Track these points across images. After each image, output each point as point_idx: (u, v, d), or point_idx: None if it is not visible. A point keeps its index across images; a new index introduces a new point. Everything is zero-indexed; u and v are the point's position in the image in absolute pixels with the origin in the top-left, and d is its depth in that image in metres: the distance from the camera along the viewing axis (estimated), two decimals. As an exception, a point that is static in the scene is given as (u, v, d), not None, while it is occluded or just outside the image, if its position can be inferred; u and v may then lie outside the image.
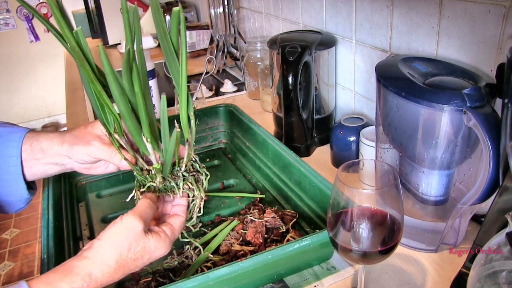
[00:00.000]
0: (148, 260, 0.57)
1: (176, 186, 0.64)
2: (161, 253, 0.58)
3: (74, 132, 0.67)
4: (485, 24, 0.68)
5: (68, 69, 2.08)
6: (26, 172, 0.66)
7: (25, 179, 0.67)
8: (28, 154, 0.66)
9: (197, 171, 0.67)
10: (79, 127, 0.68)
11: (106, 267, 0.53)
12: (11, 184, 0.66)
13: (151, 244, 0.57)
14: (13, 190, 0.67)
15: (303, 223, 0.80)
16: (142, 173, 0.65)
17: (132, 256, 0.55)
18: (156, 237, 0.57)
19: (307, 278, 0.68)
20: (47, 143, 0.66)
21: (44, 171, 0.68)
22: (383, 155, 0.77)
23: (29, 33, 3.59)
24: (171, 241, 0.60)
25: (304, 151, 1.05)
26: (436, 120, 0.61)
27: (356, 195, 0.51)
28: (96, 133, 0.67)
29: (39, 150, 0.66)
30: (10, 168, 0.65)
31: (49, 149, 0.66)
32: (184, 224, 0.64)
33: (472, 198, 0.61)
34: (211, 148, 1.14)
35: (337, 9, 1.06)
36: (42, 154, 0.66)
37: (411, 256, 0.71)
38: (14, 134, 0.66)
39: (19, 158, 0.65)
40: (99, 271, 0.52)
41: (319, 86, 1.08)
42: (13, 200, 0.68)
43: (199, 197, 0.67)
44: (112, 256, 0.54)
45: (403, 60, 0.71)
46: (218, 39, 1.69)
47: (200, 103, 1.30)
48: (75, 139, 0.66)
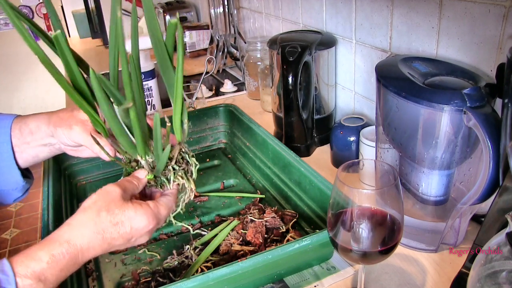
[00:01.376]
0: (130, 230, 0.55)
1: (167, 181, 0.64)
2: (143, 224, 0.56)
3: (60, 114, 0.67)
4: (485, 24, 0.68)
5: (68, 69, 2.08)
6: (18, 157, 0.66)
7: (18, 165, 0.67)
8: (18, 139, 0.66)
9: (186, 162, 0.66)
10: (66, 109, 0.68)
11: (86, 229, 0.52)
12: (5, 172, 0.66)
13: (130, 209, 0.55)
14: (8, 177, 0.67)
15: (303, 223, 0.80)
16: (131, 164, 0.65)
17: (112, 219, 0.54)
18: (137, 205, 0.56)
19: (307, 278, 0.68)
20: (35, 124, 0.66)
21: (35, 154, 0.67)
22: (383, 155, 0.77)
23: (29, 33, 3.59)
24: (154, 215, 0.57)
25: (304, 151, 1.05)
26: (436, 120, 0.61)
27: (356, 195, 0.51)
28: (80, 117, 0.66)
29: (28, 133, 0.66)
30: (3, 154, 0.65)
31: (37, 130, 0.66)
32: (172, 204, 0.62)
33: (472, 198, 0.61)
34: (211, 148, 1.14)
35: (337, 9, 1.06)
36: (31, 136, 0.66)
37: (411, 256, 0.71)
38: (2, 121, 0.66)
39: (9, 143, 0.65)
40: (77, 235, 0.52)
41: (319, 86, 1.08)
42: (9, 189, 0.68)
43: (189, 188, 0.66)
44: (90, 218, 0.53)
45: (403, 60, 0.71)
46: (218, 39, 1.69)
47: (200, 103, 1.30)
48: (60, 121, 0.66)
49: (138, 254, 0.76)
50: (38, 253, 0.49)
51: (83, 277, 0.72)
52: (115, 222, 0.54)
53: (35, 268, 0.48)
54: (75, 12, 2.73)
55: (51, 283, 0.49)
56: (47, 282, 0.49)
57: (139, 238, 0.57)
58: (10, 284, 0.46)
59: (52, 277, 0.49)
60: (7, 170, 0.66)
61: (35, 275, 0.48)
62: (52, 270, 0.49)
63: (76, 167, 1.03)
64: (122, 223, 0.54)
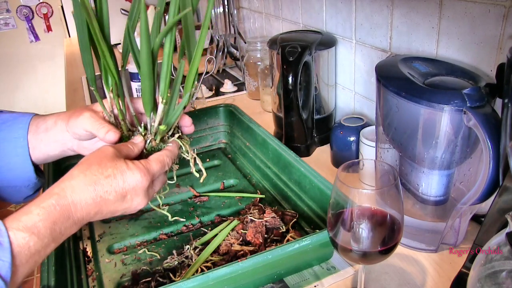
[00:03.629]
0: (123, 183, 0.54)
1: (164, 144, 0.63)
2: (135, 178, 0.55)
3: (77, 108, 0.68)
4: (485, 24, 0.68)
5: (68, 69, 2.09)
6: (31, 153, 0.66)
7: (32, 162, 0.67)
8: (32, 134, 0.66)
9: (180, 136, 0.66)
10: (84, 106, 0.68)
11: (76, 181, 0.52)
12: (19, 167, 0.66)
13: (122, 164, 0.54)
14: (21, 173, 0.67)
15: (303, 223, 0.80)
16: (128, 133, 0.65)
17: (103, 171, 0.53)
18: (128, 162, 0.55)
19: (307, 278, 0.68)
20: (53, 120, 0.66)
21: (46, 151, 0.67)
22: (383, 155, 0.77)
23: (29, 33, 3.59)
24: (146, 169, 0.56)
25: (304, 151, 1.05)
26: (436, 120, 0.61)
27: (356, 195, 0.51)
28: (92, 107, 0.66)
29: (44, 129, 0.66)
30: (18, 149, 0.65)
31: (53, 126, 0.66)
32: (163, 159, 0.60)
33: (472, 198, 0.61)
34: (211, 148, 1.14)
35: (337, 9, 1.06)
36: (46, 133, 0.66)
37: (411, 256, 0.71)
38: (22, 118, 0.67)
39: (25, 139, 0.65)
40: (67, 186, 0.51)
41: (319, 86, 1.08)
42: (22, 185, 0.68)
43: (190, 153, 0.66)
44: (81, 171, 0.53)
45: (403, 60, 0.71)
46: (218, 39, 1.69)
47: (200, 103, 1.30)
48: (74, 112, 0.66)
49: (138, 254, 0.76)
50: (29, 208, 0.48)
51: (83, 277, 0.72)
52: (107, 174, 0.53)
53: (26, 221, 0.47)
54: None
55: (45, 237, 0.48)
56: (40, 235, 0.48)
57: (135, 197, 0.56)
58: (2, 236, 0.45)
59: (45, 230, 0.48)
60: (21, 166, 0.66)
61: (26, 228, 0.47)
62: (44, 222, 0.48)
63: (76, 167, 1.03)
64: (114, 175, 0.53)
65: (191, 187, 0.94)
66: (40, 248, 0.48)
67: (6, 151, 0.65)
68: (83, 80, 1.84)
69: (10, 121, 0.66)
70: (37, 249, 0.48)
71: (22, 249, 0.46)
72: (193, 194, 0.92)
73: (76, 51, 2.53)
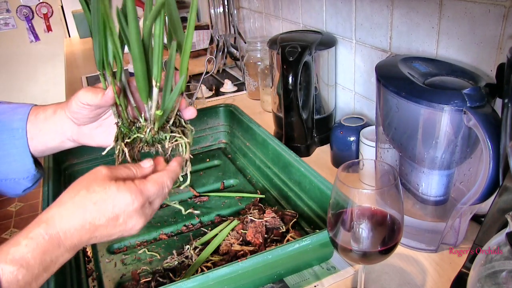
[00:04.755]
0: (113, 208, 0.51)
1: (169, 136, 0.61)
2: (126, 201, 0.52)
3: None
4: (485, 24, 0.68)
5: (68, 69, 2.09)
6: (29, 144, 0.65)
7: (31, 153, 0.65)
8: (31, 124, 0.65)
9: (182, 126, 0.64)
10: None
11: (64, 208, 0.50)
12: (17, 159, 0.65)
13: (112, 187, 0.51)
14: (19, 166, 0.65)
15: (303, 223, 0.80)
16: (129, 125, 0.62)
17: (91, 197, 0.51)
18: (120, 183, 0.52)
19: (307, 278, 0.68)
20: (52, 110, 0.65)
21: (45, 142, 0.66)
22: (383, 155, 0.77)
23: (29, 33, 3.59)
24: (139, 191, 0.53)
25: (304, 151, 1.05)
26: (436, 120, 0.61)
27: (356, 195, 0.51)
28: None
29: (43, 119, 0.65)
30: (16, 141, 0.64)
31: (52, 116, 0.65)
32: (163, 180, 0.57)
33: (472, 198, 0.61)
34: (211, 148, 1.14)
35: (337, 9, 1.06)
36: (44, 122, 0.65)
37: (411, 256, 0.71)
38: (20, 108, 0.66)
39: (24, 130, 0.64)
40: (55, 214, 0.50)
41: (319, 86, 1.08)
42: (20, 177, 0.67)
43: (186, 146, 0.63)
44: (70, 197, 0.51)
45: (403, 60, 0.71)
46: (218, 39, 1.69)
47: (200, 103, 1.30)
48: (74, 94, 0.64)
49: (138, 254, 0.76)
50: (18, 239, 0.47)
51: (83, 277, 0.72)
52: (95, 201, 0.51)
53: (14, 254, 0.46)
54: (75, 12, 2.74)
55: (34, 268, 0.46)
56: (30, 266, 0.46)
57: (129, 220, 0.53)
58: None
59: (34, 261, 0.46)
60: (20, 158, 0.65)
61: (14, 261, 0.45)
62: (33, 253, 0.47)
63: (76, 167, 1.03)
64: (103, 200, 0.51)
65: (191, 187, 0.94)
66: (31, 280, 0.47)
67: (4, 143, 0.64)
68: (83, 80, 1.84)
69: (8, 112, 0.65)
70: (27, 281, 0.46)
71: (11, 284, 0.45)
72: (193, 194, 0.92)
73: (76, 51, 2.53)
